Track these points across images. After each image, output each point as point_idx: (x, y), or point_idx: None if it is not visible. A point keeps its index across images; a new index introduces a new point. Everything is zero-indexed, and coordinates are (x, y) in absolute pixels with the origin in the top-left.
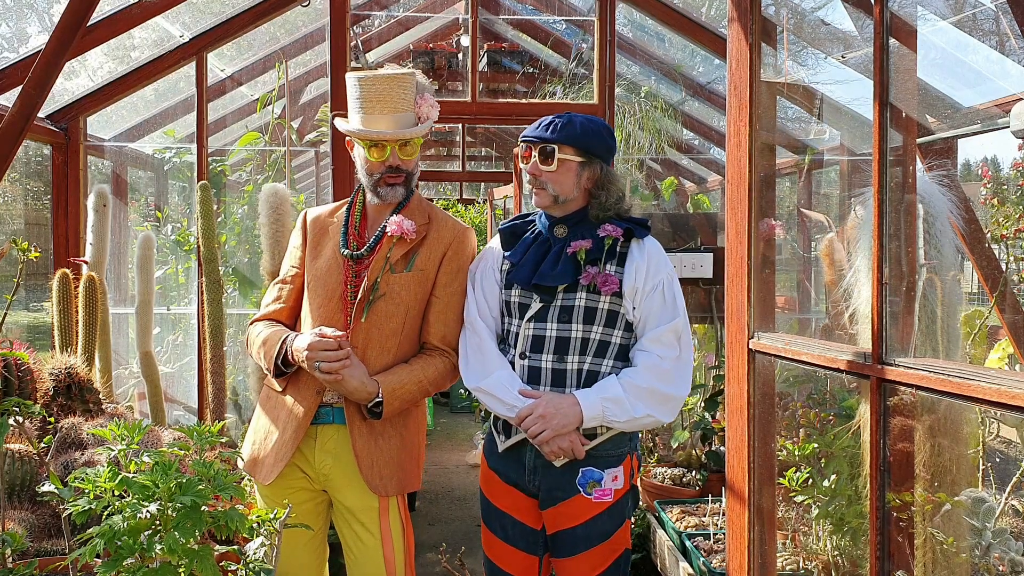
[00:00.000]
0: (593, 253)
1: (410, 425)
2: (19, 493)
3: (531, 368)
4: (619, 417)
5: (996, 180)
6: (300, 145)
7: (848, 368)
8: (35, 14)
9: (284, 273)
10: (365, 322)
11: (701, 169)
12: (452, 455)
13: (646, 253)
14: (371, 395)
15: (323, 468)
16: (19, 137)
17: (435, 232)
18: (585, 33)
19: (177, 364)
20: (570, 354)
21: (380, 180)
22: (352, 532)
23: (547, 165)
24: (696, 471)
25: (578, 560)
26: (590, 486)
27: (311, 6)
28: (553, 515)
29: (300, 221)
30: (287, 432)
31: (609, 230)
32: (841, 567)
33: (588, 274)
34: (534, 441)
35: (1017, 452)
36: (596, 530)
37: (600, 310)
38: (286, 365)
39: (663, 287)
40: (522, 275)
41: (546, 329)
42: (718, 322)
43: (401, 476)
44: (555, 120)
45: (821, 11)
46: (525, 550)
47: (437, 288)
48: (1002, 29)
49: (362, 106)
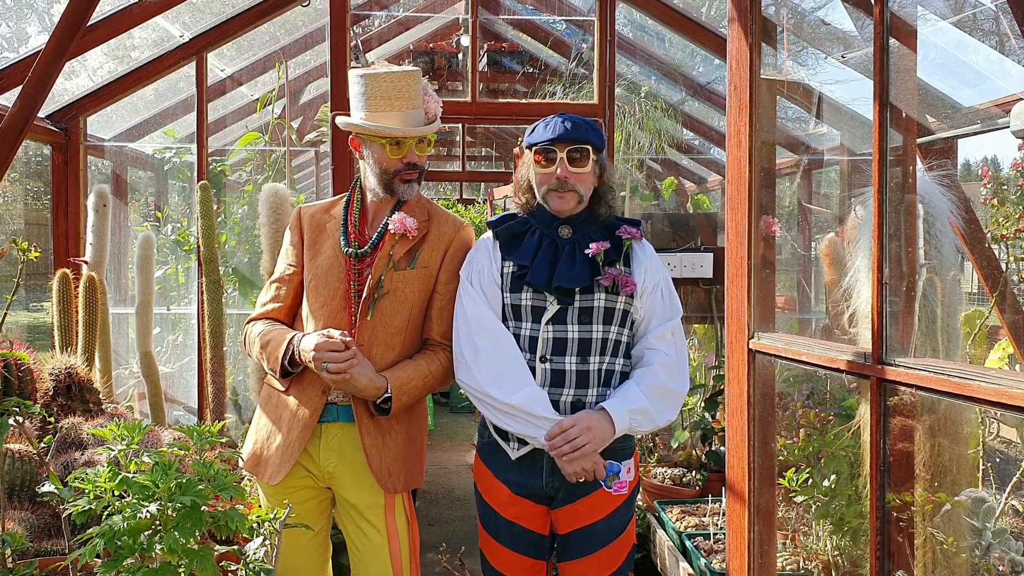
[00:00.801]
0: (611, 254)
1: (414, 422)
2: (19, 493)
3: (554, 371)
4: (645, 427)
5: (996, 180)
6: (300, 145)
7: (848, 368)
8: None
9: (280, 272)
10: (371, 320)
11: (701, 169)
12: (452, 455)
13: (647, 253)
14: (380, 391)
15: (328, 466)
16: (19, 137)
17: (436, 229)
18: (585, 33)
19: (177, 364)
20: (592, 355)
21: (397, 177)
22: (357, 529)
23: (580, 167)
24: (696, 471)
25: (590, 561)
26: (611, 479)
27: (311, 6)
28: (569, 514)
29: (294, 219)
30: (293, 432)
31: (631, 231)
32: (841, 567)
33: (609, 275)
34: (565, 459)
35: (1017, 452)
36: (615, 524)
37: (617, 310)
38: (292, 365)
39: (662, 285)
40: (540, 278)
41: (567, 331)
42: (718, 322)
43: (407, 472)
44: (569, 120)
45: (821, 11)
46: (534, 556)
47: (439, 284)
48: (1002, 29)
49: (375, 104)
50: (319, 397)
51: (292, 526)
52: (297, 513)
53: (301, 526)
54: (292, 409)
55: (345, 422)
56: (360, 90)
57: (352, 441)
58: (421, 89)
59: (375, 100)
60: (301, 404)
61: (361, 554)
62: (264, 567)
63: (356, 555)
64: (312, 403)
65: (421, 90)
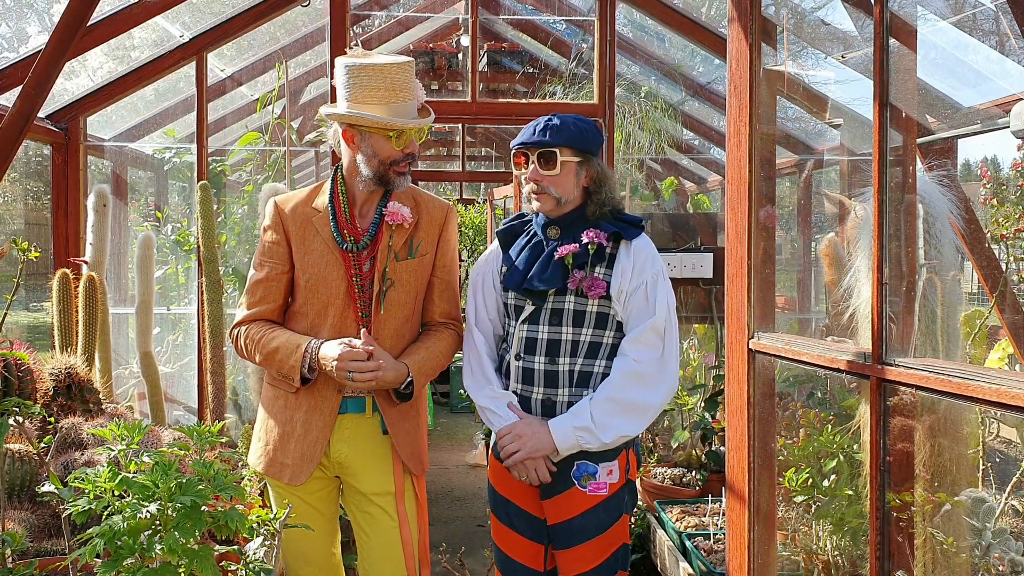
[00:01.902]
0: (580, 257)
1: (422, 409)
2: (19, 493)
3: (525, 369)
4: (591, 444)
5: (996, 180)
6: (300, 145)
7: (848, 368)
8: (35, 14)
9: (267, 271)
10: (384, 313)
11: (701, 169)
12: (452, 455)
13: (632, 255)
14: (403, 378)
15: (339, 456)
16: (19, 137)
17: (427, 214)
18: (585, 33)
19: (177, 364)
20: (561, 356)
21: (394, 168)
22: (367, 515)
23: (549, 169)
24: (696, 471)
25: (576, 552)
26: (584, 479)
27: (311, 6)
28: (552, 506)
29: (272, 213)
30: (311, 434)
31: (591, 236)
32: (841, 567)
33: (575, 278)
34: (507, 462)
35: (1017, 452)
36: (592, 522)
37: (589, 313)
38: (310, 371)
39: (646, 286)
40: (514, 279)
41: (538, 331)
42: (718, 322)
43: (424, 455)
44: (548, 122)
45: (821, 11)
46: (531, 538)
47: (437, 268)
48: (1002, 29)
49: (377, 96)
50: (335, 396)
51: (292, 526)
52: (308, 502)
53: (302, 526)
54: (306, 410)
55: (354, 413)
56: (359, 81)
57: (362, 431)
58: (415, 78)
59: (374, 92)
60: (316, 405)
61: (370, 539)
62: (264, 567)
63: (365, 540)
64: (329, 403)
65: (415, 79)
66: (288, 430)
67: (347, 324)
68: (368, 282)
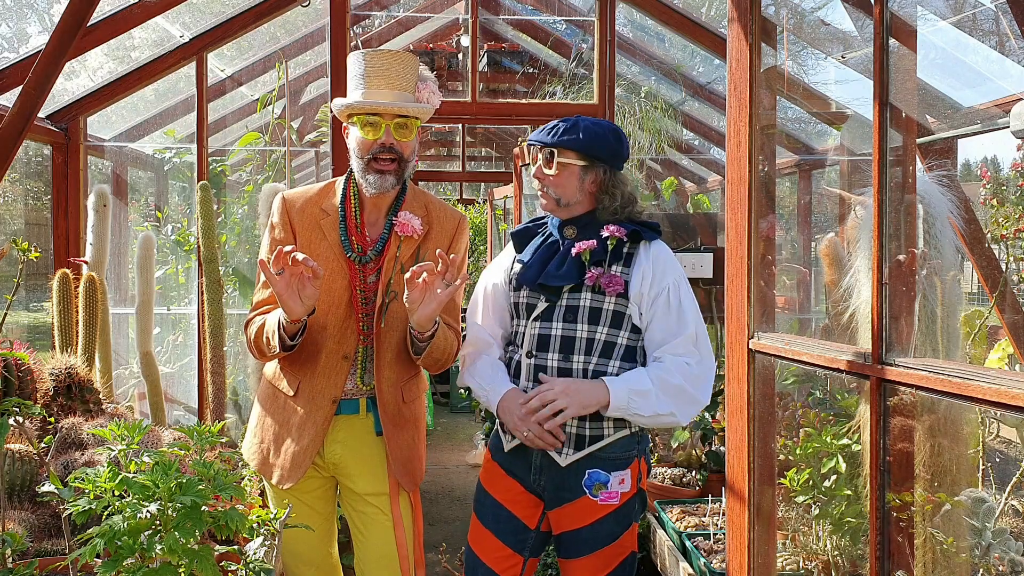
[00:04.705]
0: (598, 254)
1: (420, 418)
2: (19, 493)
3: (537, 367)
4: (644, 411)
5: (996, 180)
6: (300, 145)
7: (848, 368)
8: (35, 14)
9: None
10: (385, 327)
11: (701, 169)
12: (452, 455)
13: (652, 257)
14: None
15: (333, 457)
16: (19, 137)
17: (438, 224)
18: (585, 33)
19: (177, 364)
20: (575, 353)
21: (371, 162)
22: (362, 514)
23: (548, 169)
24: (696, 471)
25: (583, 562)
26: (596, 488)
27: (311, 6)
28: (559, 516)
29: (279, 209)
30: (304, 439)
31: (612, 230)
32: (841, 567)
33: (592, 274)
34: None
35: (1017, 452)
36: (601, 532)
37: (605, 311)
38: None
39: (668, 292)
40: (529, 276)
41: (551, 328)
42: (718, 322)
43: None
44: (559, 124)
45: (821, 11)
46: (512, 547)
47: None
48: (1002, 29)
49: (361, 82)
50: (329, 406)
51: (292, 526)
52: (305, 501)
53: (302, 526)
54: (301, 415)
55: (349, 414)
56: (356, 71)
57: (357, 432)
58: (414, 72)
59: (365, 78)
60: (312, 412)
61: (366, 539)
62: (264, 567)
63: (360, 538)
64: (323, 411)
65: (414, 74)
66: (283, 433)
67: (347, 335)
68: (372, 294)
